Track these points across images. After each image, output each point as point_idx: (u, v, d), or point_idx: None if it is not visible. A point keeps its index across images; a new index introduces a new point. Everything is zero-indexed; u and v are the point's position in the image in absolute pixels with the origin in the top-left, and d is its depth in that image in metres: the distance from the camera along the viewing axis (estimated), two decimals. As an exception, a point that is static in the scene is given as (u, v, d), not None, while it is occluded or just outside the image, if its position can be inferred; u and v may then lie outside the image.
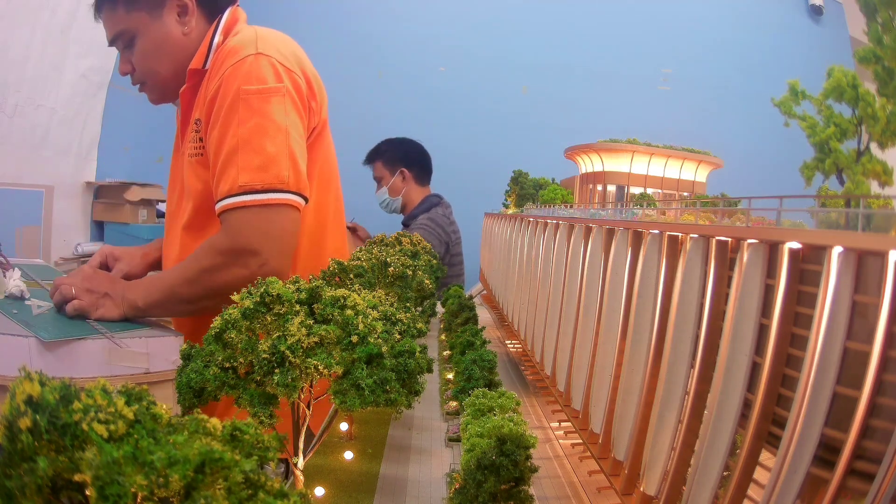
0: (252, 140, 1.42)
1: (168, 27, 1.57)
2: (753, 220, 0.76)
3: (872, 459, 0.53)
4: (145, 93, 1.69)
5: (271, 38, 1.56)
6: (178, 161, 1.73)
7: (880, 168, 0.74)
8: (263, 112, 1.44)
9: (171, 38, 1.58)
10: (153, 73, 1.63)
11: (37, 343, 1.19)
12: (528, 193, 2.40)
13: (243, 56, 1.47)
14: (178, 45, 1.59)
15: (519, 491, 0.75)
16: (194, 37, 1.60)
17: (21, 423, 0.44)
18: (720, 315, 0.75)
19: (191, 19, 1.59)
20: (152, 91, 1.67)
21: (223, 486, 0.44)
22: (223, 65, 1.49)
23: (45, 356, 1.19)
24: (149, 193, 3.45)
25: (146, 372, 1.28)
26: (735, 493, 0.67)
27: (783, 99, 0.88)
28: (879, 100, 0.75)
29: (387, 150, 3.50)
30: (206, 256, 1.43)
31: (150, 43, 1.57)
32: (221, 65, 1.49)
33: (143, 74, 1.63)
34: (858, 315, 0.57)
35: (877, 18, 0.73)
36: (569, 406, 1.27)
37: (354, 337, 0.82)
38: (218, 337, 0.82)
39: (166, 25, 1.56)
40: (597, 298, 1.14)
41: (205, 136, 1.52)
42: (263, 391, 0.79)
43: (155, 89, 1.67)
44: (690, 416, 0.77)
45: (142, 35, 1.57)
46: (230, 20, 1.62)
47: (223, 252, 1.42)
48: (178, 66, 1.59)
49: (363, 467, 1.07)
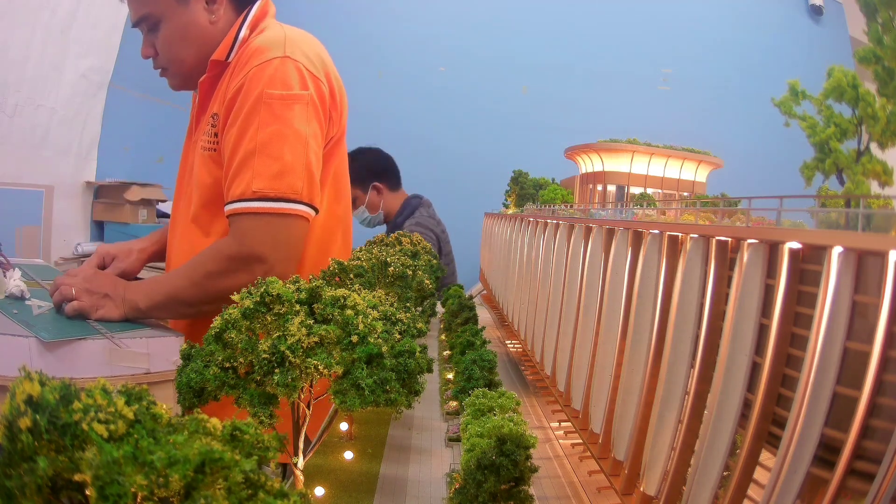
0: (270, 146, 1.41)
1: (195, 14, 1.54)
2: (753, 220, 0.76)
3: (872, 459, 0.53)
4: (166, 78, 1.65)
5: (299, 41, 1.53)
6: (189, 150, 1.71)
7: (880, 168, 0.74)
8: (285, 119, 1.42)
9: (197, 25, 1.55)
10: (177, 61, 1.59)
11: (37, 343, 1.19)
12: (528, 193, 2.40)
13: (270, 58, 1.45)
14: (205, 33, 1.56)
15: (519, 491, 0.75)
16: (221, 26, 1.57)
17: (21, 423, 0.44)
18: (720, 315, 0.75)
19: (219, 8, 1.56)
20: (174, 77, 1.64)
21: (223, 486, 0.44)
22: (248, 63, 1.46)
23: (46, 356, 1.19)
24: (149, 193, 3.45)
25: (146, 372, 1.28)
26: (735, 493, 0.67)
27: (783, 99, 0.88)
28: (879, 100, 0.75)
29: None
30: (212, 260, 1.43)
31: (176, 29, 1.54)
32: (247, 63, 1.47)
33: (165, 60, 1.60)
34: (858, 315, 0.57)
35: (877, 18, 0.73)
36: (569, 406, 1.27)
37: (354, 337, 0.82)
38: (218, 337, 0.82)
39: (193, 12, 1.54)
40: (597, 298, 1.14)
41: (221, 132, 1.51)
42: (263, 391, 0.79)
43: (177, 76, 1.63)
44: (690, 416, 0.77)
45: (168, 20, 1.53)
46: (258, 14, 1.59)
47: (230, 257, 1.41)
48: (203, 54, 1.56)
49: (363, 467, 1.07)
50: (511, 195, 2.59)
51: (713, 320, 0.76)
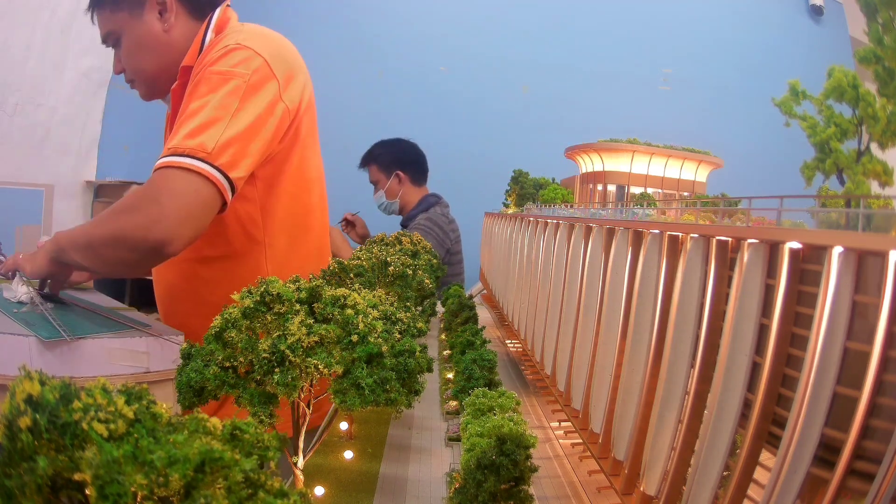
0: (195, 112, 1.44)
1: (149, 25, 1.62)
2: (754, 219, 0.76)
3: (872, 459, 0.53)
4: (136, 90, 1.73)
5: (257, 34, 1.59)
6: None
7: (880, 168, 0.74)
8: (217, 90, 1.46)
9: (152, 35, 1.62)
10: (139, 71, 1.68)
11: (37, 342, 1.19)
12: (528, 193, 2.39)
13: (224, 45, 1.52)
14: (160, 42, 1.63)
15: (519, 490, 0.75)
16: (177, 34, 1.64)
17: (21, 423, 0.44)
18: (720, 315, 0.75)
19: (170, 16, 1.63)
20: (141, 87, 1.72)
21: (223, 485, 0.44)
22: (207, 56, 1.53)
23: (45, 355, 1.19)
24: (149, 193, 3.45)
25: (146, 371, 1.28)
26: (735, 493, 0.67)
27: (784, 99, 0.88)
28: (880, 100, 0.75)
29: (381, 153, 3.47)
30: (122, 199, 1.45)
31: (133, 41, 1.63)
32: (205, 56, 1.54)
33: (130, 72, 1.69)
34: (859, 315, 0.57)
35: (877, 18, 0.73)
36: (569, 406, 1.27)
37: (354, 336, 0.82)
38: (218, 336, 0.82)
39: (147, 24, 1.62)
40: (597, 298, 1.14)
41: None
42: (263, 390, 0.79)
43: (143, 86, 1.72)
44: (690, 416, 0.77)
45: (126, 34, 1.63)
46: (222, 19, 1.65)
47: (134, 194, 1.43)
48: (163, 62, 1.64)
49: (363, 467, 1.07)
50: (511, 195, 2.59)
51: (713, 320, 0.76)
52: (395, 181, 3.42)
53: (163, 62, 1.64)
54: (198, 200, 1.41)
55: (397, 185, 3.43)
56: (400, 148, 3.48)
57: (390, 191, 3.43)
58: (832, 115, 0.81)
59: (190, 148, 1.39)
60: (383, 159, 3.45)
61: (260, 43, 1.55)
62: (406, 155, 3.47)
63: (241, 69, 1.49)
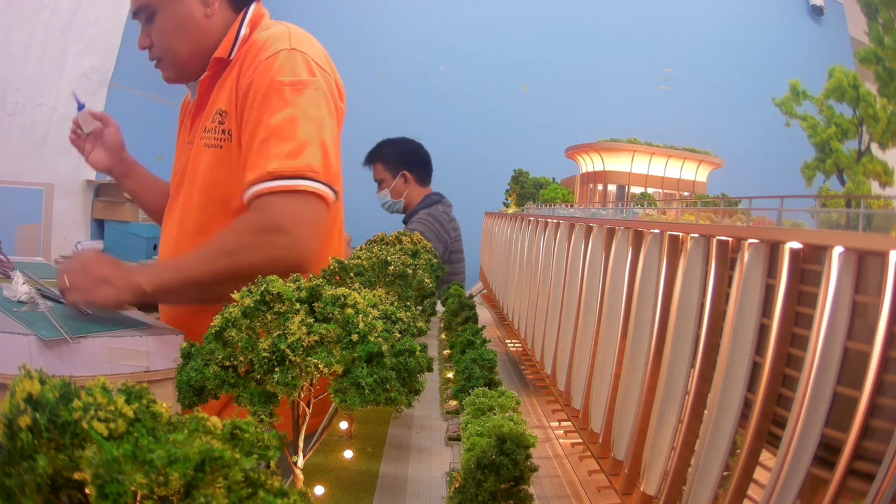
0: (283, 129, 1.41)
1: (190, 7, 1.56)
2: (754, 219, 0.76)
3: (872, 459, 0.53)
4: (160, 69, 1.67)
5: (304, 36, 1.58)
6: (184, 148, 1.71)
7: (881, 168, 0.74)
8: (296, 103, 1.44)
9: (191, 18, 1.57)
10: (170, 52, 1.61)
11: (37, 341, 1.19)
12: (528, 193, 2.40)
13: (277, 50, 1.48)
14: (199, 26, 1.58)
15: (519, 490, 0.75)
16: (216, 22, 1.60)
17: (21, 422, 0.44)
18: (721, 315, 0.75)
19: (214, 2, 1.59)
20: (167, 69, 1.65)
21: (223, 484, 0.44)
22: (256, 58, 1.49)
23: (45, 354, 1.19)
24: (149, 192, 3.45)
25: (146, 370, 1.28)
26: (735, 493, 0.67)
27: (784, 99, 0.88)
28: (880, 100, 0.75)
29: (387, 151, 3.47)
30: (230, 236, 1.39)
31: (171, 20, 1.57)
32: (254, 59, 1.49)
33: (160, 51, 1.62)
34: (859, 315, 0.57)
35: (878, 19, 0.73)
36: (569, 405, 1.27)
37: (355, 336, 0.82)
38: (218, 335, 0.82)
39: (189, 4, 1.56)
40: (597, 298, 1.14)
41: (233, 128, 1.52)
42: (263, 390, 0.79)
43: (171, 67, 1.65)
44: (690, 415, 0.77)
45: (163, 11, 1.56)
46: (256, 13, 1.63)
47: (252, 229, 1.38)
48: (197, 48, 1.59)
49: (363, 466, 1.07)
50: (511, 194, 2.59)
51: (714, 320, 0.76)
52: (400, 181, 3.41)
53: (197, 47, 1.58)
54: (319, 219, 1.44)
55: (403, 185, 3.42)
56: (407, 148, 3.47)
57: (395, 190, 3.42)
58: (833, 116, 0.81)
59: (297, 169, 1.39)
60: (390, 158, 3.44)
61: (308, 45, 1.53)
62: (413, 155, 3.47)
63: (307, 76, 1.47)
